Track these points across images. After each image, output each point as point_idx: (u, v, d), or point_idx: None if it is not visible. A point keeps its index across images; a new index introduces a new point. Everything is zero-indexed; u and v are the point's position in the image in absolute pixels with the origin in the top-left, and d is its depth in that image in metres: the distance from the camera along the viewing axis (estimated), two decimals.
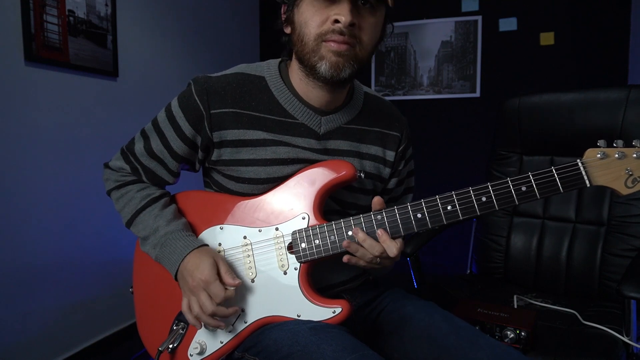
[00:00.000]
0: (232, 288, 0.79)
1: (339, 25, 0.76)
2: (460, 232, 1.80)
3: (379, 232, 0.77)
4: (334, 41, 0.77)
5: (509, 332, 1.07)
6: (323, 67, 0.78)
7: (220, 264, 0.81)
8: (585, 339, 1.11)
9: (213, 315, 0.78)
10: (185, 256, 0.82)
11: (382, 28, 0.85)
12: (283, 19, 0.86)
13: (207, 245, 0.87)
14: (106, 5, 1.89)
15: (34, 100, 1.63)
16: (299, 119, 0.86)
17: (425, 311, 0.87)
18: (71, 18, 1.73)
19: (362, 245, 0.77)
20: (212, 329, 0.83)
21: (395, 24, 2.94)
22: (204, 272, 0.78)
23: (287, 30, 0.86)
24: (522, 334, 1.05)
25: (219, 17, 2.75)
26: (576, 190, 1.49)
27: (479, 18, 2.80)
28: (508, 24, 2.75)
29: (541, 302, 1.33)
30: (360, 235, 0.77)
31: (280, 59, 0.92)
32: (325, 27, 0.77)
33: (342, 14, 0.75)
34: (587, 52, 2.60)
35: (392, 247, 0.76)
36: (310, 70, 0.81)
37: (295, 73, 0.87)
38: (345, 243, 0.77)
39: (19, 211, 1.59)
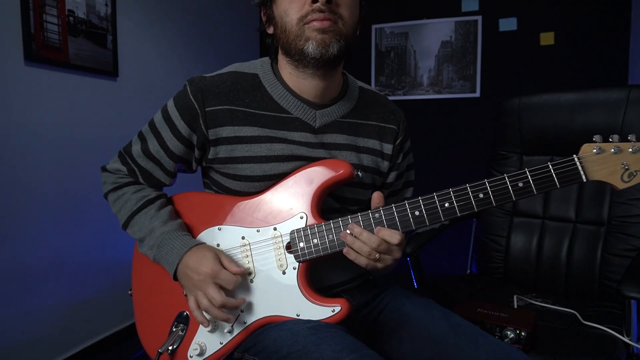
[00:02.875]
0: (240, 276, 0.79)
1: (317, 4, 0.77)
2: (460, 232, 1.80)
3: (377, 230, 0.76)
4: (315, 20, 0.78)
5: (509, 332, 1.07)
6: (310, 47, 0.79)
7: (222, 256, 0.82)
8: (585, 339, 1.11)
9: (222, 306, 0.78)
10: (183, 255, 0.82)
11: (360, 7, 0.86)
12: (264, 20, 0.88)
13: (204, 242, 0.87)
14: (106, 5, 1.89)
15: (34, 100, 1.63)
16: (293, 113, 0.87)
17: (425, 310, 0.87)
18: (71, 18, 1.73)
19: (358, 238, 0.76)
20: (216, 327, 0.83)
21: (395, 24, 2.98)
22: (208, 264, 0.79)
23: (270, 30, 0.87)
24: (522, 334, 1.05)
25: (219, 18, 2.75)
26: (576, 190, 1.49)
27: (479, 18, 2.80)
28: (508, 24, 2.75)
29: (541, 302, 1.32)
30: (357, 230, 0.76)
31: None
32: (305, 9, 0.78)
33: None
34: (587, 52, 2.59)
35: (395, 236, 0.75)
36: (299, 56, 0.81)
37: (285, 68, 0.87)
38: (342, 234, 0.77)
39: (18, 211, 1.59)
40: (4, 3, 1.51)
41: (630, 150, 0.71)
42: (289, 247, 0.82)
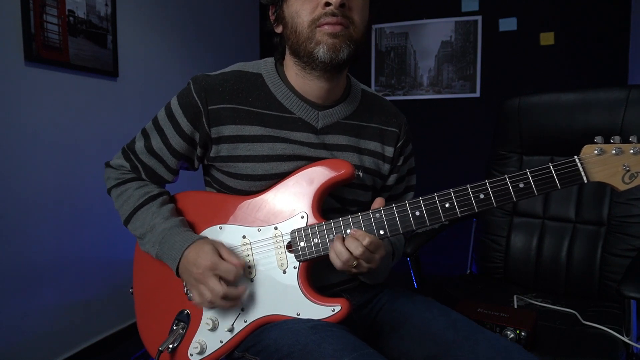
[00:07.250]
0: (240, 268, 0.79)
1: (330, 7, 0.77)
2: (460, 232, 1.80)
3: (335, 238, 0.77)
4: (327, 23, 0.78)
5: (509, 332, 1.07)
6: (321, 51, 0.79)
7: (221, 248, 0.82)
8: (585, 339, 1.11)
9: (225, 297, 0.78)
10: (184, 250, 0.82)
11: (370, 10, 0.86)
12: (272, 19, 0.88)
13: (204, 237, 0.87)
14: (106, 5, 1.89)
15: (34, 100, 1.63)
16: (296, 113, 0.87)
17: (424, 308, 0.87)
18: (71, 18, 1.73)
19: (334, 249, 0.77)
20: (214, 325, 0.84)
21: (395, 24, 2.98)
22: (207, 257, 0.79)
23: (278, 29, 0.87)
24: (522, 334, 1.05)
25: (218, 17, 2.75)
26: (576, 190, 1.49)
27: (479, 18, 2.80)
28: (508, 24, 2.75)
29: (541, 302, 1.32)
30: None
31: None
32: (317, 12, 0.79)
33: None
34: (587, 52, 2.60)
35: (359, 248, 0.74)
36: (307, 58, 0.82)
37: (291, 68, 0.87)
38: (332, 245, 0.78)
39: (19, 211, 1.59)
40: (4, 3, 1.51)
41: (632, 151, 0.71)
42: (289, 247, 0.82)
